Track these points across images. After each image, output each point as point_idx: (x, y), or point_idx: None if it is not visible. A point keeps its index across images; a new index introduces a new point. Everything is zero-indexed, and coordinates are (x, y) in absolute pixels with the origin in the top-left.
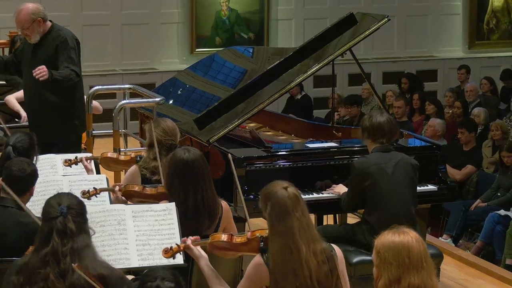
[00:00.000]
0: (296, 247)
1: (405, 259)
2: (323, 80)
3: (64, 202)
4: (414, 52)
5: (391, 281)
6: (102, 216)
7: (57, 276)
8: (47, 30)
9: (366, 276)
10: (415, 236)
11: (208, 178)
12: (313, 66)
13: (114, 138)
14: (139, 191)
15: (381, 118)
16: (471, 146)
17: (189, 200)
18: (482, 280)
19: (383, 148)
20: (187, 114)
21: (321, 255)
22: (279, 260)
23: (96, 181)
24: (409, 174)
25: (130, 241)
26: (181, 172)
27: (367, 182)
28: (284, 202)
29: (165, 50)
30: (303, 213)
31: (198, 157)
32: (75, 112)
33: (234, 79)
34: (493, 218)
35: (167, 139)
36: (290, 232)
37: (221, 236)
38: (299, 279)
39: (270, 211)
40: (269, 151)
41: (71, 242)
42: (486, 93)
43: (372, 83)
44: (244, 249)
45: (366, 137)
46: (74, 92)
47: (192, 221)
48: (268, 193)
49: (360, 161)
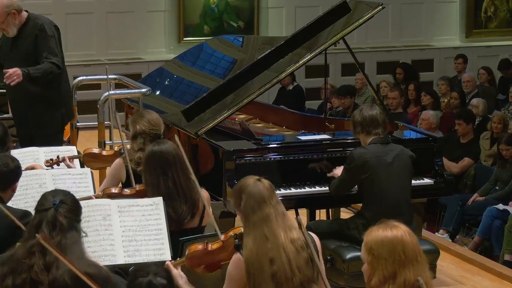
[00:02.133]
0: (273, 234)
1: (401, 254)
2: (315, 70)
3: (59, 197)
4: (409, 41)
5: (386, 277)
6: (86, 211)
7: (41, 268)
8: (24, 21)
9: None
10: (407, 230)
11: (180, 165)
12: (305, 56)
13: (99, 130)
14: (118, 193)
15: (372, 110)
16: (469, 138)
17: (160, 186)
18: (480, 276)
19: (381, 140)
20: (174, 106)
21: (298, 241)
22: (253, 250)
23: (80, 175)
24: (408, 166)
25: (115, 237)
26: (149, 161)
27: (366, 174)
28: (259, 192)
29: (152, 39)
30: (277, 202)
31: (168, 147)
32: (61, 101)
33: (223, 69)
34: (491, 213)
35: (151, 129)
36: (266, 219)
37: (196, 246)
38: (276, 266)
39: (245, 203)
40: (260, 143)
41: (60, 237)
42: (484, 83)
43: (366, 73)
44: (222, 254)
45: (360, 131)
46: (59, 80)
47: (170, 209)
48: (241, 186)
49: (360, 151)
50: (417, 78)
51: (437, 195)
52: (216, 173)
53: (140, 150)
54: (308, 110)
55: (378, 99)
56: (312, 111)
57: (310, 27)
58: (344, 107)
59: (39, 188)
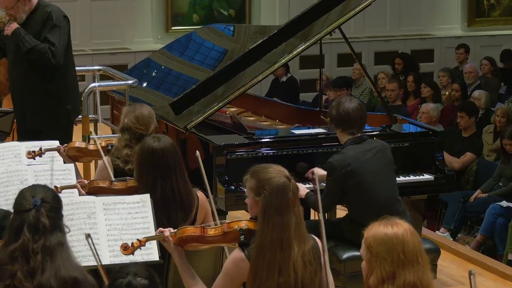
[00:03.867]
0: (289, 244)
1: (400, 254)
2: (310, 60)
3: (39, 195)
4: (408, 30)
5: (384, 278)
6: (70, 209)
7: (26, 274)
8: (33, 8)
9: (357, 273)
10: (409, 229)
11: (180, 169)
12: (299, 46)
13: (83, 124)
14: (106, 187)
15: (350, 104)
16: (471, 132)
17: (157, 191)
18: (483, 277)
19: (356, 140)
20: (162, 98)
21: (308, 255)
22: (267, 253)
23: (63, 171)
24: (390, 161)
25: (100, 236)
26: (149, 162)
27: (352, 181)
28: (286, 194)
29: (138, 28)
30: (299, 210)
31: (168, 146)
32: (67, 95)
33: (214, 60)
34: (494, 210)
35: (137, 127)
36: (286, 227)
37: (191, 229)
38: (282, 278)
39: (268, 200)
40: (252, 138)
41: (43, 239)
42: (486, 74)
43: (363, 64)
44: (218, 241)
45: (335, 127)
46: (64, 74)
47: (163, 215)
48: (267, 178)
49: (338, 159)
50: (417, 69)
51: (437, 192)
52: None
53: (127, 146)
54: (302, 102)
55: (376, 91)
56: (307, 103)
57: (305, 15)
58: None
59: (21, 185)
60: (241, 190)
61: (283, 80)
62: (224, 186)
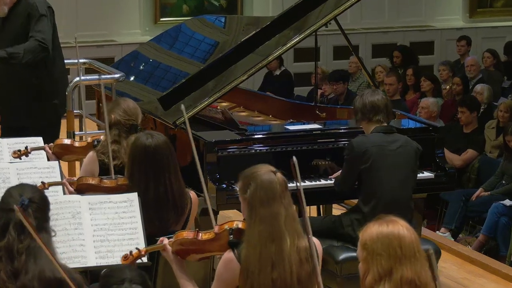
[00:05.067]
0: (280, 236)
1: (397, 249)
2: (305, 53)
3: (27, 194)
4: (407, 21)
5: (381, 274)
6: (54, 209)
7: (9, 275)
8: (16, 0)
9: (354, 275)
10: (405, 225)
11: (174, 167)
12: (293, 38)
13: (68, 120)
14: (95, 184)
15: (374, 96)
16: (473, 128)
17: (150, 191)
18: (485, 279)
19: (385, 129)
20: (150, 93)
21: (304, 252)
22: (256, 248)
23: (47, 168)
24: (412, 160)
25: (86, 237)
26: (142, 160)
27: (366, 164)
28: (272, 186)
29: (125, 19)
30: (290, 203)
31: (162, 143)
32: (54, 90)
33: (204, 53)
34: (497, 209)
35: (127, 119)
36: (275, 218)
37: (184, 233)
38: (276, 273)
39: (253, 193)
40: (244, 134)
41: (29, 239)
42: (488, 67)
43: (360, 57)
44: (213, 247)
45: (361, 118)
46: (51, 67)
47: (155, 216)
48: (252, 173)
49: (360, 139)
50: (416, 62)
51: (438, 190)
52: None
53: (115, 142)
54: (297, 97)
55: (374, 84)
56: (302, 98)
57: (299, 6)
58: (336, 93)
59: (3, 183)
60: (233, 189)
61: (276, 74)
62: (215, 185)
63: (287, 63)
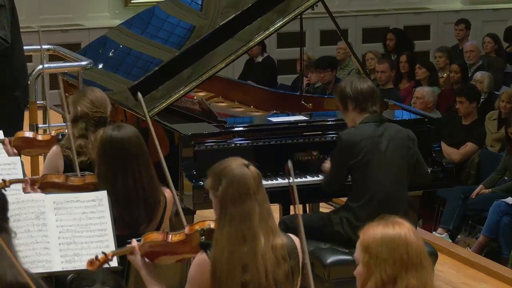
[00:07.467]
0: (252, 235)
1: (403, 255)
2: (289, 38)
3: None
4: (401, 3)
5: (384, 281)
6: (16, 209)
7: None
8: None
9: (343, 280)
10: (412, 229)
11: (144, 160)
12: (276, 21)
13: (30, 111)
14: (61, 182)
15: (365, 83)
16: (472, 119)
17: (118, 183)
18: (486, 283)
19: (375, 118)
20: (120, 81)
21: (281, 250)
22: (224, 251)
23: (8, 165)
24: (404, 152)
25: (51, 239)
26: (109, 153)
27: (356, 157)
28: (245, 182)
29: (93, 2)
30: (264, 198)
31: (130, 134)
32: (14, 81)
33: (179, 38)
34: (499, 208)
35: (94, 111)
36: (247, 216)
37: (154, 235)
38: (249, 276)
39: (224, 190)
40: (223, 126)
41: None
42: (489, 53)
43: (349, 42)
44: (184, 249)
45: (353, 107)
46: (10, 57)
47: (124, 212)
48: (222, 168)
49: (349, 132)
50: (411, 48)
51: (434, 187)
52: (171, 162)
53: (82, 136)
54: (280, 86)
55: (364, 72)
56: (286, 87)
57: None
58: (323, 82)
59: None
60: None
61: (258, 61)
62: (191, 182)
63: (270, 49)
